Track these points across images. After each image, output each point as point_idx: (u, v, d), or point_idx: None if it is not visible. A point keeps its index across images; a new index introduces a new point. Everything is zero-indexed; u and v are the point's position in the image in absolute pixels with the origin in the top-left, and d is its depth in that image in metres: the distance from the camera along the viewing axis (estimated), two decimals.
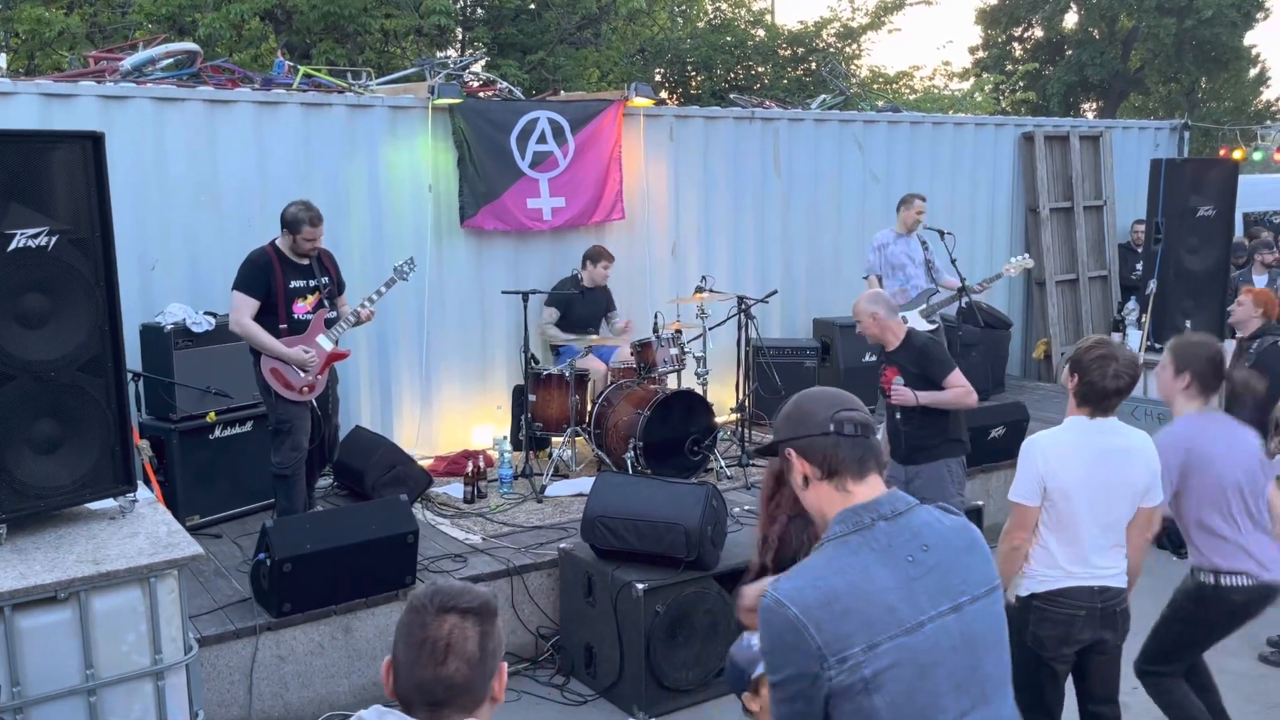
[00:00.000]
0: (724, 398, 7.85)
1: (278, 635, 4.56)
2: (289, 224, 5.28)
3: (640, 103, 7.84)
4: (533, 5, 15.01)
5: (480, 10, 15.73)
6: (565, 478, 6.66)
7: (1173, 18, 22.65)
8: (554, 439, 6.96)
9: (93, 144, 3.32)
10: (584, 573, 4.93)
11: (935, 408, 4.94)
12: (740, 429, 7.19)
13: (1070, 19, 26.40)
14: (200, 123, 6.28)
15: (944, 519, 2.00)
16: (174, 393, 5.61)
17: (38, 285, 3.23)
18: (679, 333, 6.99)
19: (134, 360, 5.60)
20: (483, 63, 12.91)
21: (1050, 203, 10.03)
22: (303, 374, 5.30)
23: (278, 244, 5.35)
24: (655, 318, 7.03)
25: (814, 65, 16.36)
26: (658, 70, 16.83)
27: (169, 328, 5.63)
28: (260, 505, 5.94)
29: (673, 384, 6.97)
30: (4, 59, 9.51)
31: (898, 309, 5.29)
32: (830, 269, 9.02)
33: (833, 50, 16.86)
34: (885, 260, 7.56)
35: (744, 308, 7.45)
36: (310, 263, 5.40)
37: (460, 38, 15.40)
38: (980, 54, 27.47)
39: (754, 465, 6.81)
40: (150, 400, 5.74)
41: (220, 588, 4.92)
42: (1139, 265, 9.61)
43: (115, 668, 3.10)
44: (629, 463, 6.33)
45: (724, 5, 18.52)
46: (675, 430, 6.50)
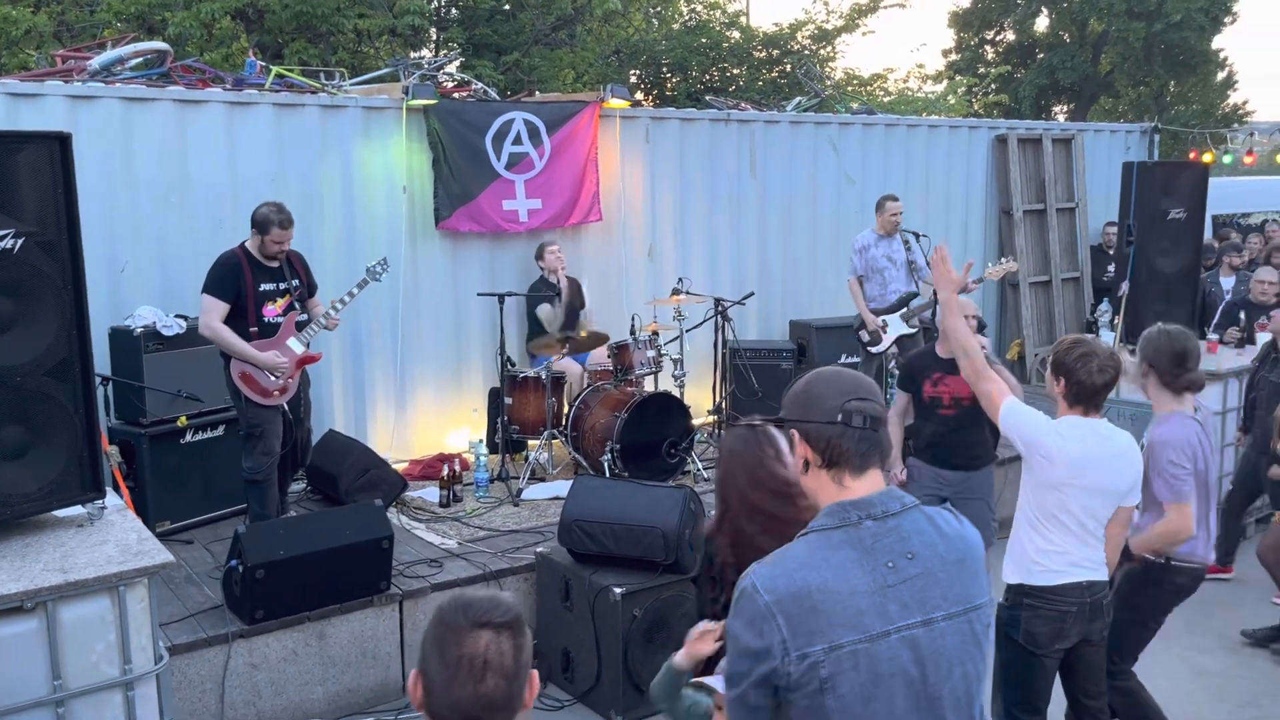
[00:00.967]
0: (701, 400, 7.85)
1: (250, 643, 4.50)
2: (258, 224, 5.22)
3: (616, 104, 7.82)
4: (507, 6, 14.97)
5: (455, 11, 15.66)
6: (542, 481, 6.63)
7: (1142, 22, 22.90)
8: (530, 442, 6.93)
9: (60, 144, 3.25)
10: (561, 577, 4.90)
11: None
12: (717, 431, 7.18)
13: (1041, 22, 26.66)
14: (170, 123, 6.19)
15: (945, 526, 1.95)
16: (144, 397, 5.53)
17: (3, 288, 3.15)
18: (656, 335, 6.98)
19: (103, 364, 5.52)
20: (457, 63, 12.83)
21: (1023, 205, 10.10)
22: (274, 378, 5.24)
23: (247, 246, 5.29)
24: (632, 320, 7.02)
25: (789, 67, 16.41)
26: (633, 72, 16.83)
27: (139, 331, 5.55)
28: (232, 511, 5.87)
29: (650, 386, 6.95)
30: None
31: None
32: (806, 271, 9.04)
33: (807, 52, 16.92)
34: (867, 263, 7.58)
35: (720, 310, 7.46)
36: (280, 265, 5.34)
37: (434, 38, 15.32)
38: (953, 57, 27.66)
39: None
40: (120, 404, 5.66)
41: (192, 595, 4.85)
42: (1111, 267, 9.71)
43: (83, 678, 3.03)
44: (606, 465, 6.31)
45: (699, 7, 18.55)
46: (652, 433, 6.48)
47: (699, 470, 6.75)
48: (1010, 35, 27.32)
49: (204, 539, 5.63)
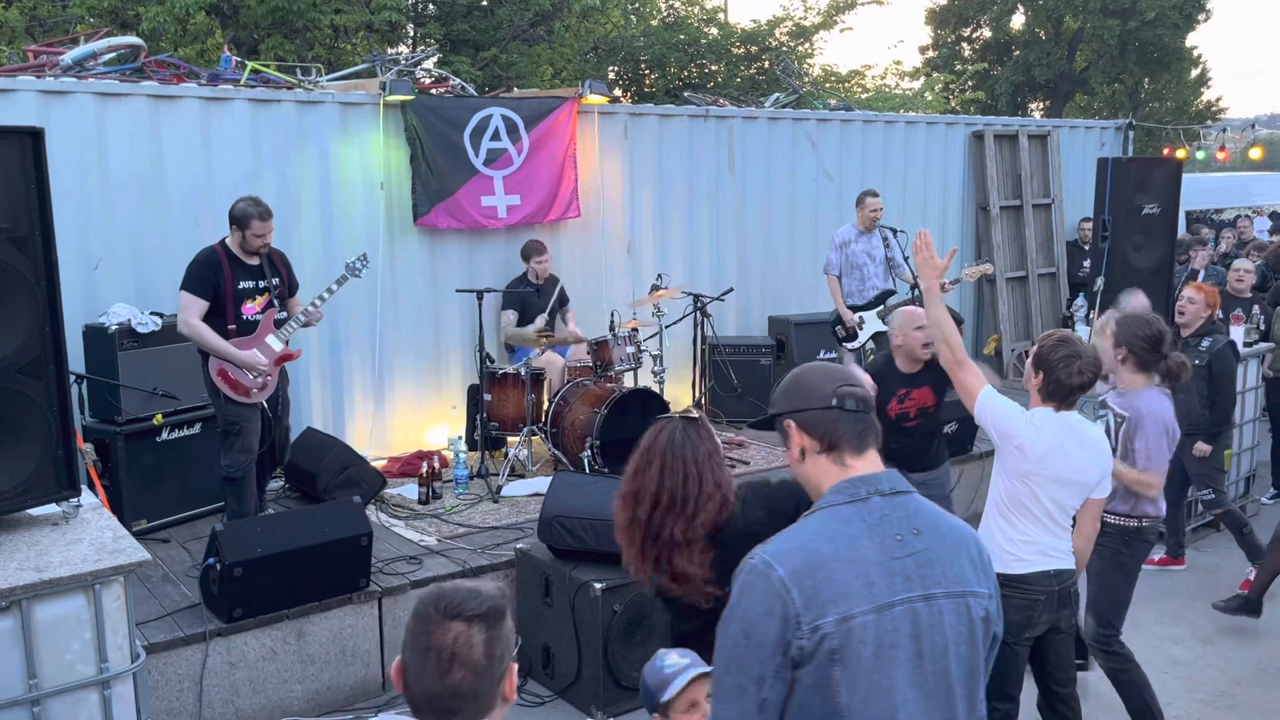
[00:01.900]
0: (681, 396, 7.87)
1: (229, 641, 4.48)
2: (237, 219, 5.18)
3: (594, 100, 7.81)
4: (485, 2, 14.91)
5: (432, 6, 15.59)
6: (522, 478, 6.62)
7: (1117, 19, 23.12)
8: (510, 439, 6.92)
9: (32, 140, 3.22)
10: (541, 573, 4.90)
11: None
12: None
13: (1018, 20, 26.85)
14: (144, 119, 6.14)
15: (946, 515, 2.00)
16: (119, 395, 5.49)
17: None
18: (635, 331, 6.98)
19: (78, 362, 5.48)
20: (435, 59, 12.79)
21: (1000, 201, 10.17)
22: (252, 375, 5.21)
23: (227, 243, 5.25)
24: (611, 316, 7.02)
25: (767, 64, 16.45)
26: (611, 68, 16.82)
27: (113, 328, 5.50)
28: (210, 509, 5.83)
29: (629, 382, 6.95)
30: None
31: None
32: (785, 267, 9.07)
33: (785, 49, 16.96)
34: (846, 259, 7.61)
35: (700, 306, 7.47)
36: (260, 263, 5.31)
37: (412, 34, 15.26)
38: (930, 54, 27.83)
39: None
40: (95, 403, 5.61)
41: (169, 594, 4.82)
42: (1086, 262, 9.78)
43: (59, 677, 3.02)
44: (586, 462, 6.31)
45: (677, 3, 18.57)
46: (632, 429, 6.41)
47: None
48: (987, 32, 27.51)
49: (181, 537, 5.59)
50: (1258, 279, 7.76)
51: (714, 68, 16.95)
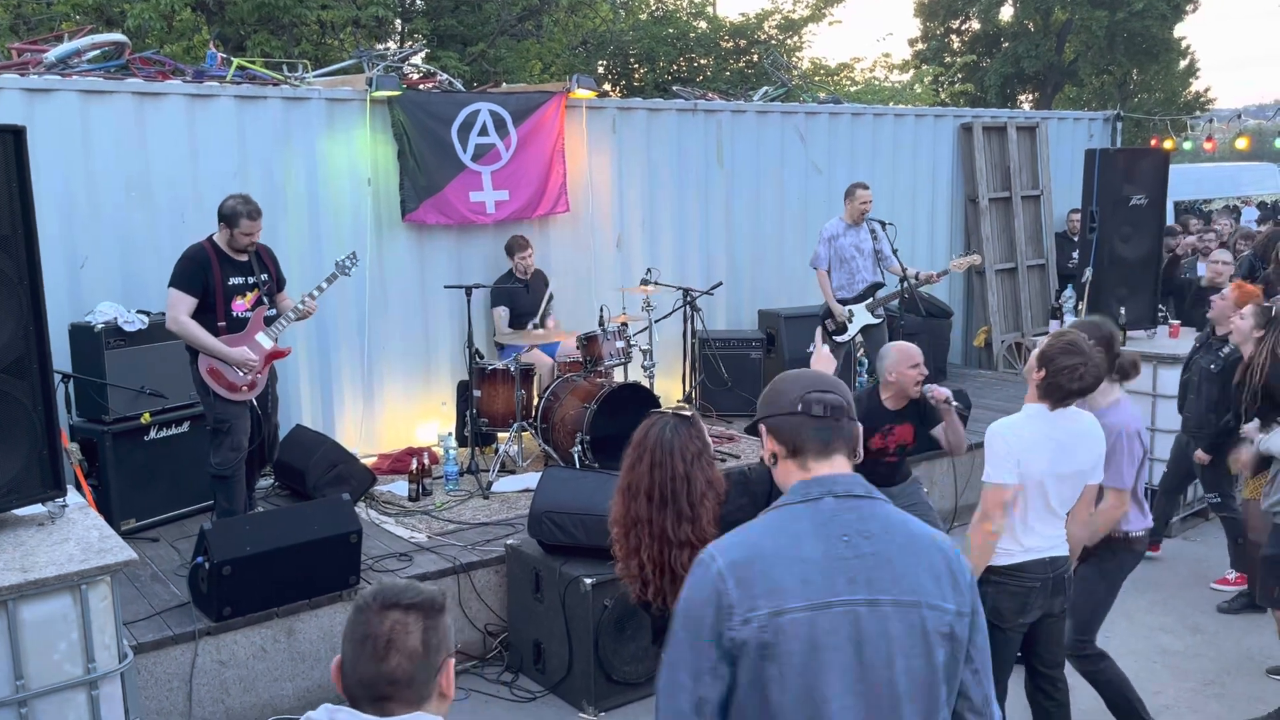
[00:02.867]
0: (671, 390, 7.87)
1: (218, 640, 4.47)
2: (226, 217, 5.16)
3: (582, 95, 7.80)
4: None
5: (419, 1, 15.54)
6: (512, 473, 6.62)
7: (1105, 10, 23.16)
8: (500, 434, 6.91)
9: (13, 138, 3.20)
10: (531, 568, 4.90)
11: None
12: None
13: (1006, 12, 26.88)
14: (129, 116, 6.11)
15: (914, 524, 1.95)
16: (106, 394, 5.47)
17: None
18: (625, 325, 6.98)
19: (64, 361, 5.45)
20: (422, 55, 12.75)
21: (989, 193, 10.18)
22: (242, 373, 5.19)
23: (215, 239, 5.22)
24: (601, 311, 7.01)
25: (756, 57, 16.44)
26: (600, 63, 16.77)
27: (100, 327, 5.48)
28: (199, 507, 5.81)
29: (619, 377, 6.95)
30: None
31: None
32: (774, 260, 9.07)
33: (774, 42, 16.95)
34: (834, 253, 7.61)
35: (689, 300, 7.47)
36: (249, 259, 5.28)
37: (399, 29, 15.20)
38: (919, 46, 27.84)
39: None
40: (82, 402, 5.59)
41: (158, 593, 4.81)
42: (1075, 254, 9.82)
43: (46, 678, 3.00)
44: (576, 457, 6.31)
45: None
46: (622, 424, 6.40)
47: None
48: (975, 24, 27.53)
49: (170, 536, 5.57)
50: (1245, 269, 7.77)
51: (703, 62, 16.92)
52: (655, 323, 7.21)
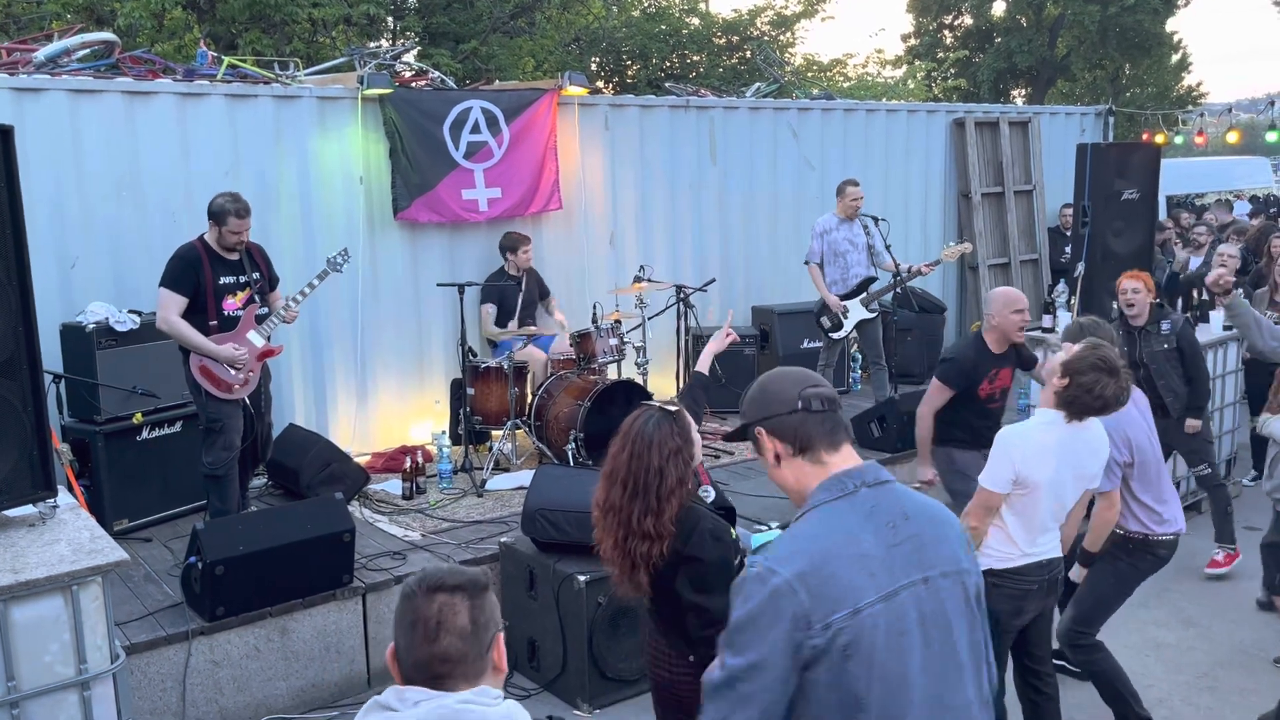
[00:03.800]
0: (665, 387, 7.87)
1: (211, 640, 4.46)
2: (215, 215, 5.15)
3: (575, 92, 7.79)
4: None
5: None
6: (506, 471, 6.61)
7: (1097, 5, 23.17)
8: (494, 432, 6.90)
9: (2, 138, 3.19)
10: (525, 566, 4.89)
11: None
12: None
13: (999, 7, 26.90)
14: (119, 115, 6.09)
15: (923, 497, 2.03)
16: (98, 394, 5.45)
17: None
18: (618, 323, 6.97)
19: (55, 362, 5.44)
20: (414, 52, 12.71)
21: (981, 188, 10.19)
22: (234, 371, 5.18)
23: (206, 239, 5.21)
24: (594, 308, 7.00)
25: (748, 53, 16.43)
26: (593, 59, 16.77)
27: (91, 327, 5.46)
28: (192, 507, 5.80)
29: (613, 374, 6.95)
30: None
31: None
32: (767, 256, 9.07)
33: (767, 38, 16.94)
34: (828, 247, 7.61)
35: (682, 296, 7.47)
36: (240, 258, 5.27)
37: (391, 27, 15.17)
38: (912, 41, 27.84)
39: None
40: (73, 402, 5.57)
41: (151, 593, 4.80)
42: (1068, 248, 9.83)
43: (38, 679, 3.00)
44: (570, 454, 6.30)
45: None
46: (616, 421, 6.31)
47: None
48: (968, 19, 27.53)
49: (163, 536, 5.56)
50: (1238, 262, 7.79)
51: (696, 58, 16.92)
52: (649, 319, 7.20)
